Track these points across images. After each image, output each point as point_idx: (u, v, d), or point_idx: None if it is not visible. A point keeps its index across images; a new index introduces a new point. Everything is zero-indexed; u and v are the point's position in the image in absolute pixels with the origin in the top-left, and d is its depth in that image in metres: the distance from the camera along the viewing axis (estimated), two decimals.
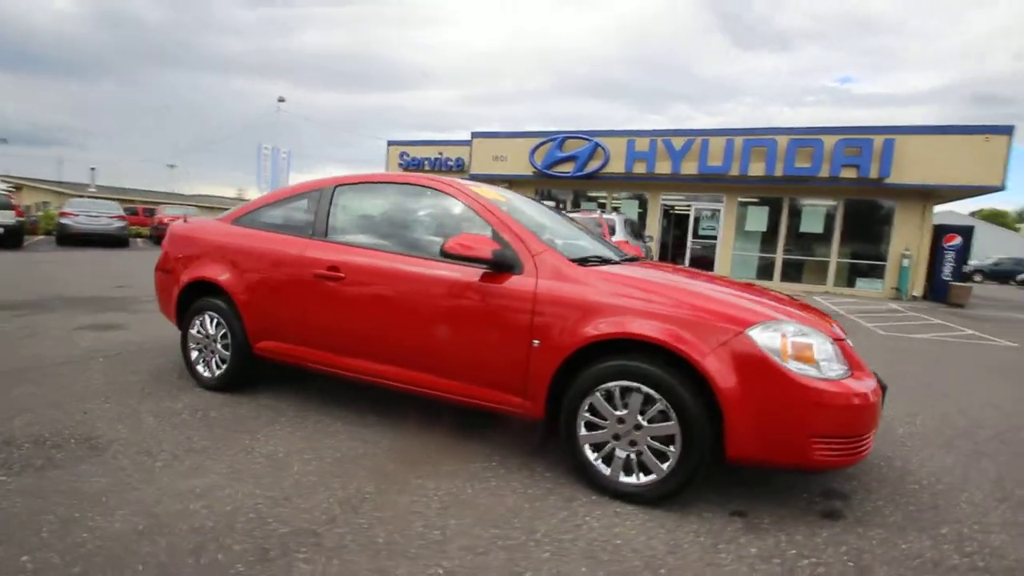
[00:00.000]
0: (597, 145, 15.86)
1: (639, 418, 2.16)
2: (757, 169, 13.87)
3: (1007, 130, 11.68)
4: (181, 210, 21.36)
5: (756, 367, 2.00)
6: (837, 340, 2.20)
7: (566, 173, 16.42)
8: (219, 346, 3.34)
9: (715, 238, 15.73)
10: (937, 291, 13.37)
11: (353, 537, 1.87)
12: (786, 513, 2.20)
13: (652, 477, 2.16)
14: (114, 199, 21.39)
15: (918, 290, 13.73)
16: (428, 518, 2.03)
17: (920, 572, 1.84)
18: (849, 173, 12.98)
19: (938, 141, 12.24)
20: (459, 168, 20.05)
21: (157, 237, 18.87)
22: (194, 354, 3.45)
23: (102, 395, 3.21)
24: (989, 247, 33.78)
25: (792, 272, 15.08)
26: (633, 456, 2.20)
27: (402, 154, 21.21)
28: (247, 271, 3.20)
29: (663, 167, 15.00)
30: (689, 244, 16.05)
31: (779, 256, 15.08)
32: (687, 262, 15.81)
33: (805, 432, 1.98)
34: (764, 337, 2.03)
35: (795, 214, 14.89)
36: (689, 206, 16.27)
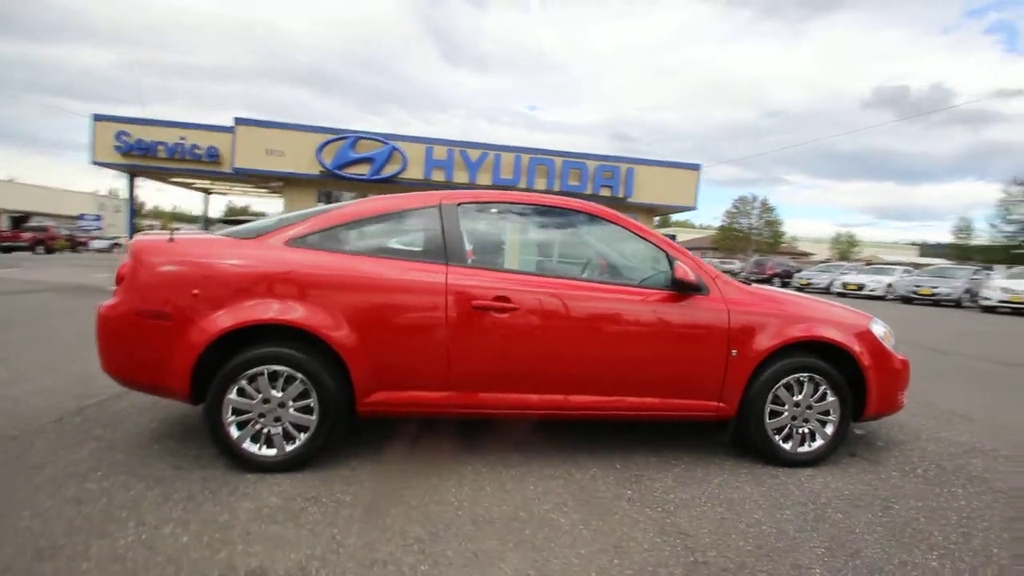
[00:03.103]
0: (394, 149, 15.67)
1: (812, 399, 2.83)
2: (540, 184, 16.07)
3: (696, 167, 16.71)
4: None
5: (878, 351, 2.90)
6: None
7: (360, 175, 15.67)
8: (291, 411, 2.53)
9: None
10: None
11: (753, 563, 1.98)
12: (874, 447, 3.19)
13: (820, 443, 2.85)
14: None
15: None
16: (746, 525, 2.24)
17: (969, 457, 3.07)
18: (605, 192, 16.32)
19: (659, 172, 16.58)
20: (212, 159, 16.82)
21: None
22: (234, 430, 2.50)
23: (147, 504, 2.13)
24: None
25: None
26: (806, 430, 2.85)
27: (120, 134, 16.49)
28: (356, 307, 2.53)
29: (460, 176, 15.87)
30: None
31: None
32: None
33: (898, 388, 2.99)
34: (877, 330, 2.95)
35: None
36: None
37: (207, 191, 23.30)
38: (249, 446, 2.51)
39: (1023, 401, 4.64)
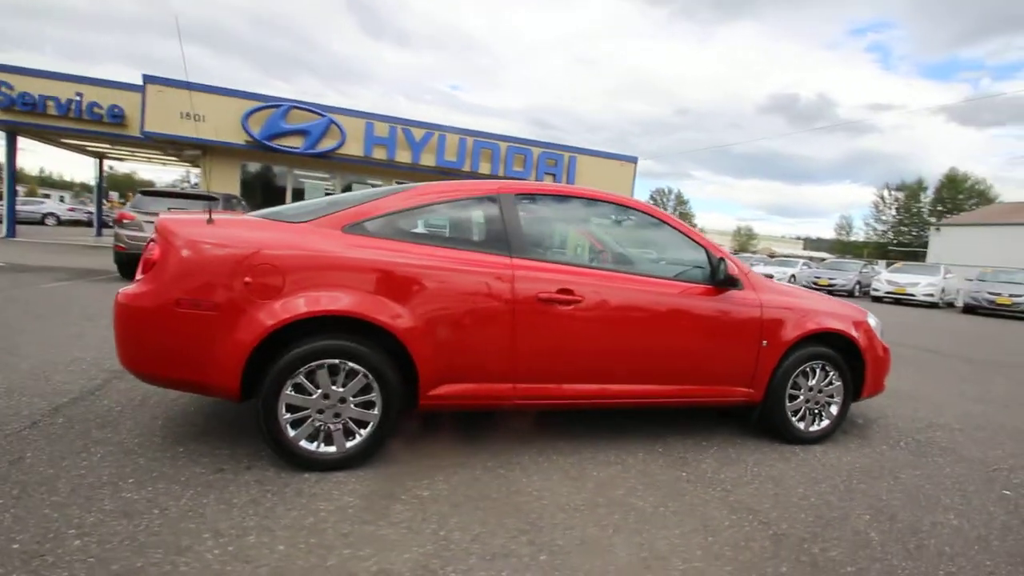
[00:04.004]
0: (332, 122, 14.74)
1: (822, 384, 3.16)
2: (485, 168, 15.96)
3: (633, 159, 17.43)
4: None
5: (872, 340, 3.29)
6: None
7: (294, 148, 14.60)
8: (352, 406, 2.41)
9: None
10: None
11: (822, 532, 2.20)
12: (857, 424, 3.62)
13: (827, 423, 3.20)
14: None
15: None
16: (798, 498, 2.48)
17: (933, 431, 3.55)
18: (548, 179, 16.56)
19: (599, 162, 17.09)
20: (116, 120, 14.88)
21: None
22: (290, 429, 2.34)
23: (211, 513, 1.93)
24: None
25: None
26: (819, 411, 3.18)
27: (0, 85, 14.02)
28: (421, 298, 2.44)
29: (403, 156, 15.33)
30: None
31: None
32: None
33: (884, 373, 3.42)
34: (872, 321, 3.34)
35: None
36: None
37: (102, 156, 20.52)
38: (306, 444, 2.36)
39: (940, 379, 5.46)
